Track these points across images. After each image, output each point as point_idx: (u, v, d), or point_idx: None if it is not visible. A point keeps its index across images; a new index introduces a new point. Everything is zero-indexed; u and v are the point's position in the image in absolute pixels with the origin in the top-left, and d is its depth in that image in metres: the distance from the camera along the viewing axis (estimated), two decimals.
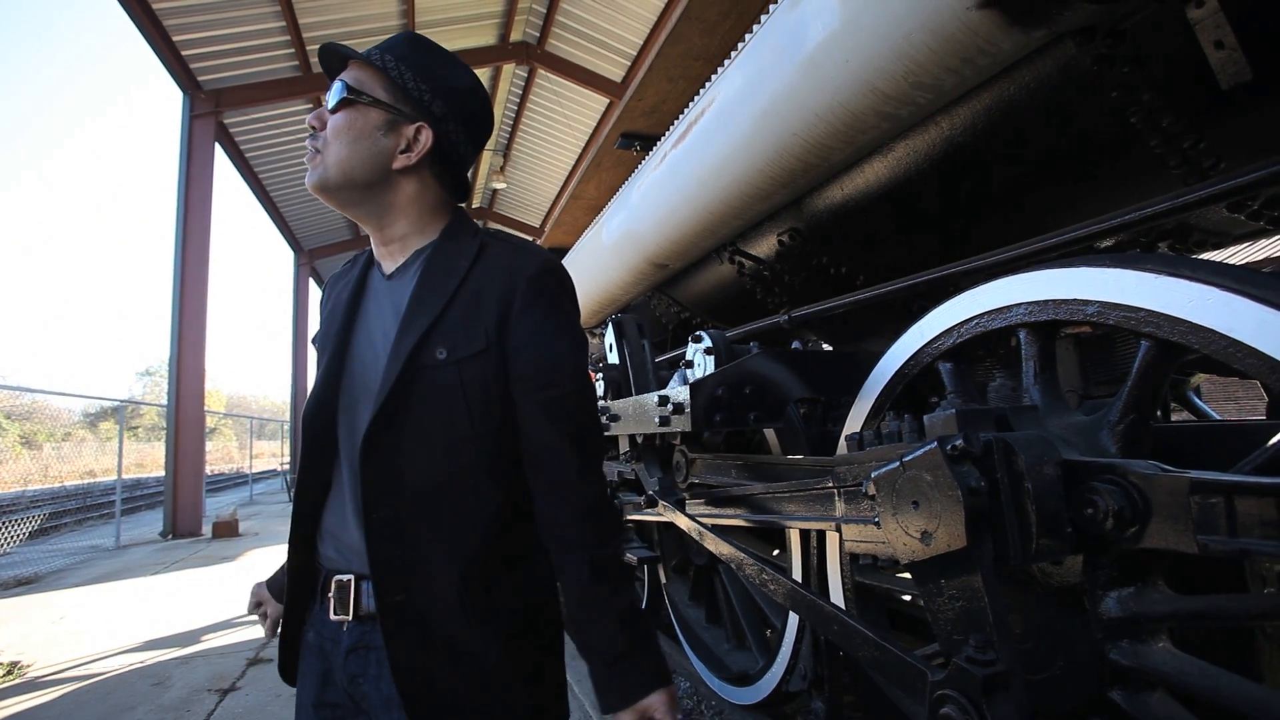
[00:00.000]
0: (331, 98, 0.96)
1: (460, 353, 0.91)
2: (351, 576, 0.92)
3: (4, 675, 3.40)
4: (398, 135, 0.96)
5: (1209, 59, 1.13)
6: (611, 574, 0.92)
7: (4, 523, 7.65)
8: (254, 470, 17.16)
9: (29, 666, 3.55)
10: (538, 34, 11.42)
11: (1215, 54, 1.12)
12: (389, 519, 0.88)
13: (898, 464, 1.00)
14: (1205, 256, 1.71)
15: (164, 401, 9.08)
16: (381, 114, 0.95)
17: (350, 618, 0.91)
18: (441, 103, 0.99)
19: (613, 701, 0.88)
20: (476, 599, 0.89)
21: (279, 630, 1.03)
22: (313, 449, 0.96)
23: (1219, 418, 2.64)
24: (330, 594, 0.93)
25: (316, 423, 0.96)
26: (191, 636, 4.03)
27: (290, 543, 0.98)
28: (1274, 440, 0.95)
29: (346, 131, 0.94)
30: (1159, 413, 2.13)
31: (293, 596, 0.99)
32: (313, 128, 0.97)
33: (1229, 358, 0.89)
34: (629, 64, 11.21)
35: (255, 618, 1.21)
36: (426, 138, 0.97)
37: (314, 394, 0.98)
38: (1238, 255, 2.10)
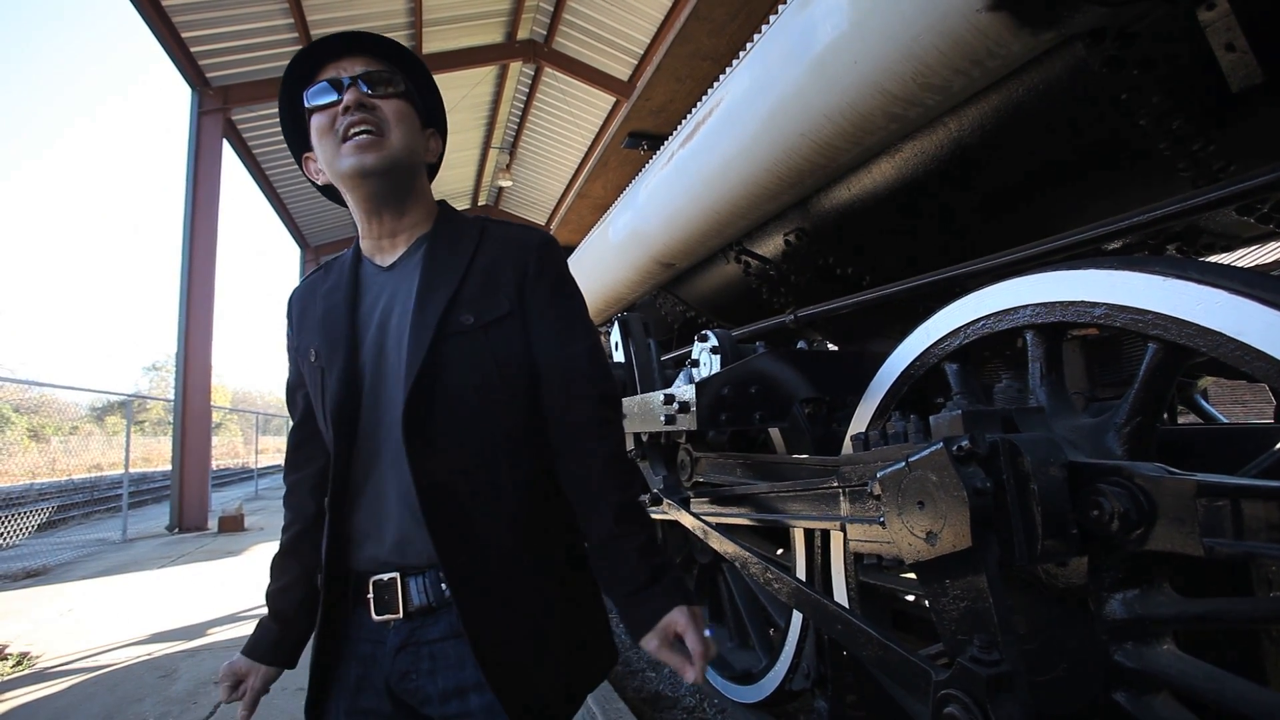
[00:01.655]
0: (376, 84, 0.98)
1: (486, 317, 0.96)
2: (396, 575, 0.91)
3: (13, 666, 3.43)
4: (424, 134, 1.07)
5: (1220, 61, 1.13)
6: (631, 517, 0.95)
7: (13, 515, 7.71)
8: (259, 465, 17.23)
9: (38, 658, 3.58)
10: (545, 32, 11.42)
11: (1226, 56, 1.12)
12: (438, 484, 0.90)
13: (903, 464, 1.00)
14: (1213, 259, 1.70)
15: (170, 396, 9.14)
16: (416, 112, 1.05)
17: (400, 615, 0.91)
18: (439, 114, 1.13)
19: (639, 629, 0.91)
20: (528, 551, 0.93)
21: (314, 657, 0.96)
22: (341, 450, 0.95)
23: (1226, 421, 2.63)
24: (369, 595, 0.92)
25: (344, 424, 0.95)
26: (198, 629, 4.06)
27: (325, 552, 0.95)
28: None
29: (408, 119, 1.01)
30: (1165, 415, 2.12)
31: (326, 613, 0.96)
32: (361, 104, 0.95)
33: (1237, 361, 0.89)
34: (636, 63, 11.20)
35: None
36: (438, 144, 1.12)
37: (336, 396, 0.95)
38: (1246, 258, 2.09)
